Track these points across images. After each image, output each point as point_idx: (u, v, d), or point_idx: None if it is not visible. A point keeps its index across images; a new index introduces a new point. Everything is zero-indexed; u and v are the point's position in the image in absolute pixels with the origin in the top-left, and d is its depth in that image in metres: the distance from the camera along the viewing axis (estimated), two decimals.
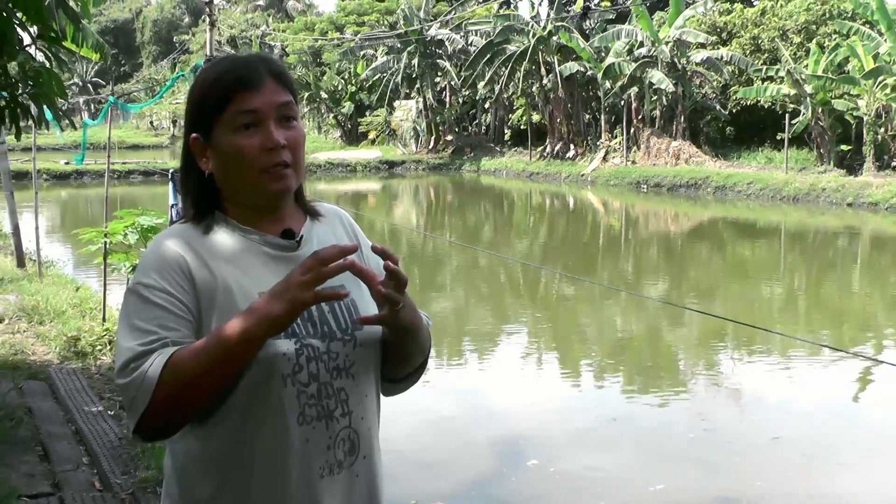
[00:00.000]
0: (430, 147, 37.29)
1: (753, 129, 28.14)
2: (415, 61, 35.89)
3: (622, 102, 29.72)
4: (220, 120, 1.51)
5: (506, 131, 36.56)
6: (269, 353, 1.44)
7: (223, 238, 1.54)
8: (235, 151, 1.51)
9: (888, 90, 22.32)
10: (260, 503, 1.48)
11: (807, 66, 24.75)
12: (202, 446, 1.49)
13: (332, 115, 42.32)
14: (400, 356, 1.62)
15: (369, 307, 1.54)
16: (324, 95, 41.24)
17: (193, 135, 1.55)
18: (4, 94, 4.67)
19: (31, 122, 5.05)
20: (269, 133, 1.50)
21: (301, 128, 1.57)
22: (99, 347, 7.20)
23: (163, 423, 1.43)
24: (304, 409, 1.47)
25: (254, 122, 1.51)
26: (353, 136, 41.61)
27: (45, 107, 4.82)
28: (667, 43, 27.88)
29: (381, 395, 1.66)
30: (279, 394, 1.46)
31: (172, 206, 7.78)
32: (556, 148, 32.11)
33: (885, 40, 23.28)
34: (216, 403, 1.46)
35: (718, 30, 29.48)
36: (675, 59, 27.96)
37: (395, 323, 1.51)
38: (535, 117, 33.54)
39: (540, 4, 33.58)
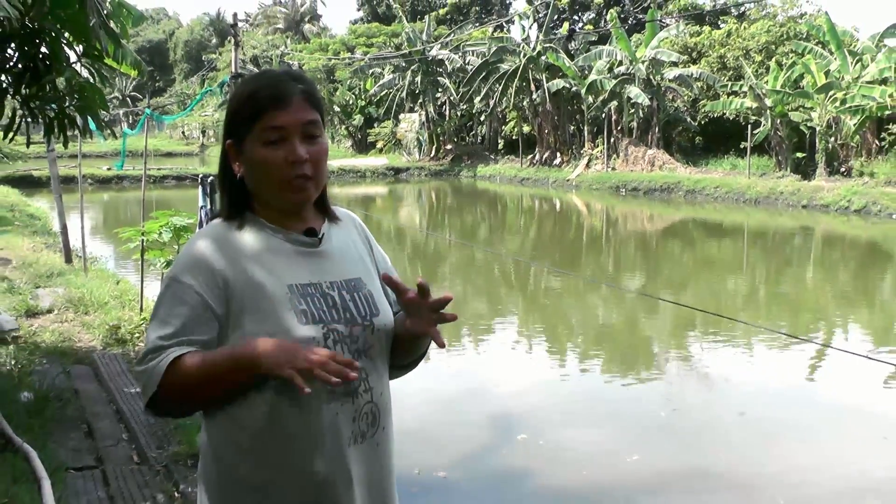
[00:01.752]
0: (432, 155, 37.21)
1: (720, 138, 28.05)
2: (418, 79, 35.82)
3: (603, 115, 29.66)
4: (251, 132, 1.51)
5: (499, 141, 36.44)
6: (298, 338, 1.44)
7: (253, 236, 1.53)
8: (261, 163, 1.50)
9: (837, 103, 22.28)
10: (294, 476, 1.47)
11: (767, 81, 24.69)
12: (238, 427, 1.47)
13: (343, 126, 42.22)
14: (408, 350, 1.65)
15: (383, 299, 1.60)
16: (336, 109, 41.12)
17: (229, 141, 1.55)
18: (53, 106, 4.66)
19: (77, 131, 5.04)
20: (293, 148, 1.50)
21: (325, 143, 1.56)
22: (137, 335, 7.18)
23: (170, 408, 1.46)
24: (334, 388, 1.46)
25: (280, 138, 1.50)
26: (363, 146, 41.53)
27: (89, 118, 4.82)
28: (643, 62, 27.82)
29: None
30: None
31: (201, 208, 7.77)
32: (545, 156, 32.05)
33: (835, 59, 23.29)
34: (243, 391, 1.46)
35: (689, 50, 29.41)
36: (651, 76, 27.90)
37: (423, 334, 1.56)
38: (526, 128, 33.47)
39: (530, 28, 33.51)
